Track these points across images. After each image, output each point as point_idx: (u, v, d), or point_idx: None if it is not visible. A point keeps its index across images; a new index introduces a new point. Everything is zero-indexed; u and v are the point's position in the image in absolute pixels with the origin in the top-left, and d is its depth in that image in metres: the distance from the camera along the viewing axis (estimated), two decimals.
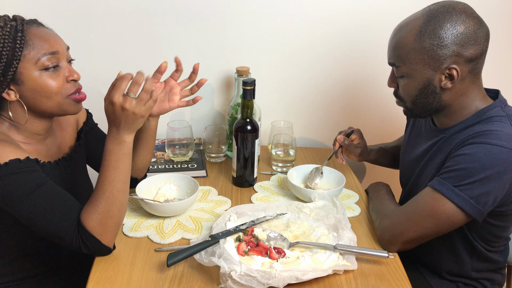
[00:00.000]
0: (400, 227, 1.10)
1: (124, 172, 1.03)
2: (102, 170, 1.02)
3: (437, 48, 1.06)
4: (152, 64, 1.67)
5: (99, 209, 0.99)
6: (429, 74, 1.09)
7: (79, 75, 1.06)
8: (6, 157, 0.95)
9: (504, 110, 1.11)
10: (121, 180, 1.02)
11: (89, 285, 0.97)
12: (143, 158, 1.26)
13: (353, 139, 1.45)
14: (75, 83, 1.06)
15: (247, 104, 1.35)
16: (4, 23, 0.98)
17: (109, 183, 1.01)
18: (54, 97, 1.03)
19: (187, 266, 1.04)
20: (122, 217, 1.05)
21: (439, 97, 1.12)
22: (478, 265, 1.20)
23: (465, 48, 1.05)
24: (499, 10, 1.65)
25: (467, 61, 1.07)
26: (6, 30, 0.97)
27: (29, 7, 1.48)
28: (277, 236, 1.10)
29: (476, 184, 1.02)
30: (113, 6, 1.59)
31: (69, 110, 1.07)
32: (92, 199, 1.01)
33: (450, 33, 1.05)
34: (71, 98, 1.05)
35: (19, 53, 0.97)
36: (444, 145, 1.16)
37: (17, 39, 0.97)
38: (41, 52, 0.99)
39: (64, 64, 1.04)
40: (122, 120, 1.00)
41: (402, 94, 1.17)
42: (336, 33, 1.68)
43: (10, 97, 1.00)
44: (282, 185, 1.46)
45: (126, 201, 1.05)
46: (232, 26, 1.65)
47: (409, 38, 1.09)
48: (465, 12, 1.06)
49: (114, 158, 1.02)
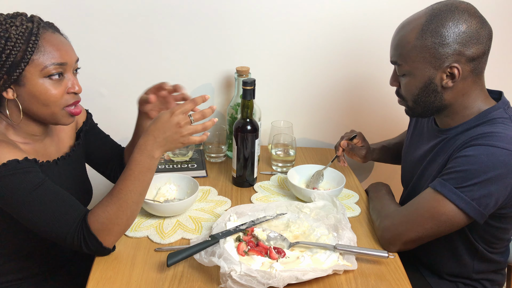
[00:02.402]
0: (401, 227, 1.10)
1: (144, 186, 1.03)
2: (123, 178, 1.01)
3: (438, 46, 1.06)
4: (152, 64, 1.69)
5: (109, 214, 0.99)
6: (431, 73, 1.09)
7: (80, 88, 1.06)
8: (4, 157, 0.95)
9: (507, 112, 1.11)
10: (138, 192, 1.02)
11: (89, 285, 0.97)
12: None
13: (356, 142, 1.46)
14: (75, 96, 1.06)
15: (247, 104, 1.35)
16: (21, 23, 0.97)
17: (125, 193, 1.00)
18: (50, 106, 1.02)
19: (187, 266, 1.04)
20: (129, 225, 1.04)
21: (441, 96, 1.12)
22: (479, 266, 1.19)
23: (467, 47, 1.05)
24: (502, 11, 1.65)
25: (469, 60, 1.07)
26: (21, 30, 0.96)
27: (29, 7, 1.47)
28: (277, 236, 1.10)
29: (478, 186, 1.01)
30: (113, 6, 1.59)
31: (61, 121, 1.06)
32: (104, 202, 1.00)
33: (452, 31, 1.05)
34: (67, 110, 1.05)
35: (28, 56, 0.96)
36: (446, 146, 1.16)
37: (30, 42, 0.96)
38: (50, 61, 0.98)
39: (69, 76, 1.04)
40: (167, 135, 1.00)
41: (404, 93, 1.17)
42: (336, 33, 1.68)
43: (7, 95, 1.00)
44: (282, 185, 1.46)
45: (137, 212, 1.05)
46: (232, 26, 1.65)
47: (411, 36, 1.09)
48: (467, 11, 1.06)
49: (138, 169, 1.01)
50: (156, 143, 1.01)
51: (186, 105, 1.02)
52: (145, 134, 1.02)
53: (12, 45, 0.95)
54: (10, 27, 0.96)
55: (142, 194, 1.04)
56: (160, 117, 1.01)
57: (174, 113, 1.00)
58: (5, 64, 0.96)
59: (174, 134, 1.01)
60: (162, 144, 1.01)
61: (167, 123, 1.00)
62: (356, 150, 1.45)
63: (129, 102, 1.71)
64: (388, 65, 1.20)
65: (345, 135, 1.48)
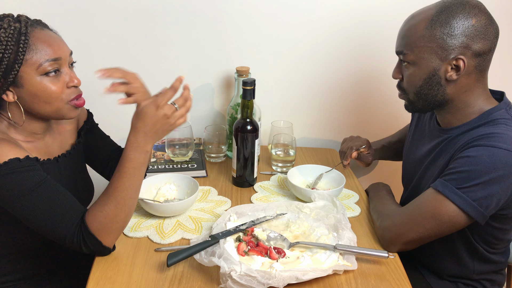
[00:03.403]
0: (402, 227, 1.10)
1: (139, 180, 1.03)
2: (118, 176, 1.01)
3: (447, 37, 1.06)
4: (152, 64, 1.69)
5: (107, 213, 0.99)
6: (436, 64, 1.09)
7: (79, 81, 1.06)
8: (5, 156, 0.95)
9: (508, 113, 1.11)
10: (134, 187, 1.02)
11: (89, 285, 0.97)
12: None
13: (363, 150, 1.45)
14: (76, 89, 1.06)
15: (247, 104, 1.35)
16: (8, 24, 0.97)
17: (122, 190, 1.00)
18: (53, 102, 1.02)
19: (187, 266, 1.04)
20: (128, 221, 1.05)
21: (443, 90, 1.12)
22: (479, 266, 1.19)
23: (474, 41, 1.06)
24: (504, 12, 1.65)
25: (475, 55, 1.07)
26: (9, 32, 0.96)
27: (29, 7, 1.48)
28: (277, 236, 1.10)
29: (479, 187, 1.01)
30: (113, 6, 1.59)
31: (67, 115, 1.06)
32: (101, 201, 1.00)
33: (461, 23, 1.05)
34: (70, 104, 1.05)
35: (21, 57, 0.96)
36: (448, 146, 1.16)
37: (20, 42, 0.96)
38: (44, 58, 0.98)
39: (65, 70, 1.03)
40: (157, 127, 1.01)
41: (406, 85, 1.17)
42: (336, 33, 1.68)
43: (8, 98, 1.00)
44: (282, 185, 1.46)
45: (134, 207, 1.05)
46: (232, 26, 1.65)
47: (420, 26, 1.09)
48: (478, 7, 1.07)
49: (132, 166, 1.01)
50: (148, 137, 1.01)
51: (167, 94, 1.01)
52: (133, 131, 1.02)
53: (3, 48, 0.95)
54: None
55: (138, 189, 1.04)
56: (146, 112, 1.00)
57: (159, 106, 1.00)
58: (0, 67, 0.95)
59: (164, 125, 1.01)
60: (153, 137, 1.02)
61: (154, 117, 1.00)
62: (363, 158, 1.48)
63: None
64: (389, 65, 1.20)
65: (353, 144, 1.45)
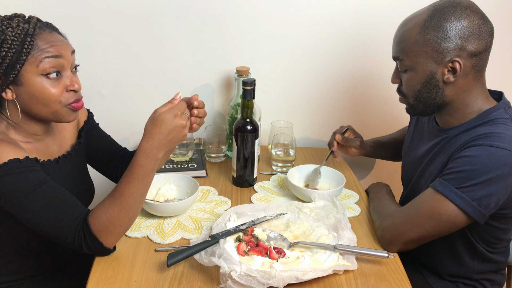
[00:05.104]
0: (401, 227, 1.10)
1: (147, 186, 1.04)
2: (126, 181, 1.01)
3: (440, 40, 1.06)
4: (152, 64, 1.69)
5: (110, 216, 0.99)
6: (432, 67, 1.09)
7: (80, 86, 1.05)
8: (5, 156, 0.95)
9: (507, 112, 1.11)
10: (140, 193, 1.02)
11: (89, 285, 0.97)
12: None
13: (348, 135, 1.50)
14: (75, 93, 1.05)
15: (247, 104, 1.35)
16: (17, 24, 0.97)
17: (128, 195, 1.00)
18: (51, 105, 1.02)
19: (187, 266, 1.04)
20: (130, 225, 1.05)
21: (442, 92, 1.12)
22: (479, 266, 1.19)
23: (468, 42, 1.06)
24: (502, 11, 1.65)
25: (470, 56, 1.07)
26: (16, 32, 0.96)
27: (29, 7, 1.48)
28: (277, 236, 1.10)
29: (479, 186, 1.01)
30: (114, 6, 1.59)
31: (65, 118, 1.06)
32: (106, 203, 1.00)
33: (454, 26, 1.05)
34: (69, 107, 1.05)
35: (24, 57, 0.96)
36: (447, 146, 1.16)
37: (25, 43, 0.96)
38: (44, 55, 0.98)
39: (67, 73, 1.03)
40: (172, 136, 1.02)
41: (405, 90, 1.17)
42: (336, 33, 1.68)
43: (6, 96, 1.00)
44: (282, 185, 1.46)
45: (139, 212, 1.05)
46: (232, 26, 1.65)
47: (413, 31, 1.10)
48: (470, 8, 1.07)
49: (142, 172, 1.01)
50: (162, 145, 1.02)
51: (184, 105, 1.05)
52: (147, 137, 1.02)
53: (8, 46, 0.95)
54: (6, 28, 0.96)
55: (144, 195, 1.04)
56: (163, 119, 1.01)
57: (177, 115, 1.02)
58: (2, 65, 0.96)
59: (178, 134, 1.03)
60: (167, 145, 1.03)
61: (171, 125, 1.01)
62: (351, 141, 1.48)
63: (129, 102, 1.72)
64: (388, 65, 1.20)
65: (336, 131, 1.51)
